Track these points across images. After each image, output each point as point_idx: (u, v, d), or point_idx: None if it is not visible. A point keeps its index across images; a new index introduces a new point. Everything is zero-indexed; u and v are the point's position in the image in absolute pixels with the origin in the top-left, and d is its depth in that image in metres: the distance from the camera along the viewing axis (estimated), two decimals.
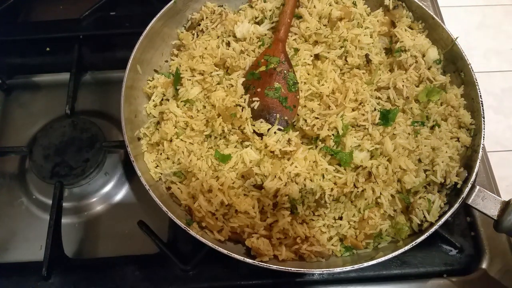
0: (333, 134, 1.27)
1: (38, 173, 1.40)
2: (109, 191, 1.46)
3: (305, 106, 1.34)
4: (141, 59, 1.40)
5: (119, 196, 1.46)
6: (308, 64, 1.41)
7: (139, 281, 1.28)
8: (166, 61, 1.50)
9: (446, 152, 1.27)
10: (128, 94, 1.34)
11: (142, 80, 1.43)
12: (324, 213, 1.24)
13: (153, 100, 1.41)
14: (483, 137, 1.26)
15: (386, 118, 1.29)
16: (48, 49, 1.67)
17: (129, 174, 1.48)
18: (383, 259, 1.13)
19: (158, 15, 1.42)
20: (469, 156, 1.29)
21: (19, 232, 1.40)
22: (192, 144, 1.30)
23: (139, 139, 1.36)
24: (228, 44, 1.46)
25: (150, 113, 1.40)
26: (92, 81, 1.66)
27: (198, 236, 1.14)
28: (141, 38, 1.38)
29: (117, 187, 1.47)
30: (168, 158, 1.32)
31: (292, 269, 1.13)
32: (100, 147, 1.44)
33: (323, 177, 1.25)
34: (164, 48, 1.50)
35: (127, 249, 1.35)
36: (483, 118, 1.29)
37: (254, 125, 1.30)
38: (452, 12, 3.65)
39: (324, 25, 1.45)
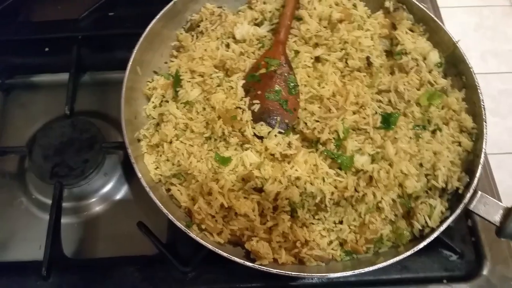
0: (333, 138, 1.26)
1: (37, 173, 1.40)
2: (108, 191, 1.46)
3: (305, 109, 1.33)
4: (140, 61, 1.39)
5: (118, 197, 1.46)
6: (309, 67, 1.40)
7: (139, 281, 1.28)
8: (166, 63, 1.49)
9: (448, 156, 1.26)
10: (128, 96, 1.33)
11: (142, 82, 1.42)
12: (324, 217, 1.23)
13: (153, 102, 1.40)
14: (485, 142, 1.25)
15: (387, 121, 1.29)
16: (47, 49, 1.66)
17: (128, 175, 1.47)
18: (383, 264, 1.12)
19: (158, 16, 1.41)
20: (471, 161, 1.28)
21: (19, 232, 1.40)
22: (192, 146, 1.29)
23: (139, 140, 1.35)
24: (228, 45, 1.44)
25: (150, 114, 1.39)
26: (91, 81, 1.65)
27: (197, 238, 1.14)
28: (141, 39, 1.37)
29: (116, 188, 1.47)
30: (168, 160, 1.31)
31: (292, 273, 1.13)
32: (100, 148, 1.43)
33: (324, 180, 1.23)
34: (163, 49, 1.48)
35: (127, 250, 1.34)
36: (485, 122, 1.27)
37: (254, 128, 1.29)
38: (450, 12, 3.63)
39: (324, 27, 1.43)
